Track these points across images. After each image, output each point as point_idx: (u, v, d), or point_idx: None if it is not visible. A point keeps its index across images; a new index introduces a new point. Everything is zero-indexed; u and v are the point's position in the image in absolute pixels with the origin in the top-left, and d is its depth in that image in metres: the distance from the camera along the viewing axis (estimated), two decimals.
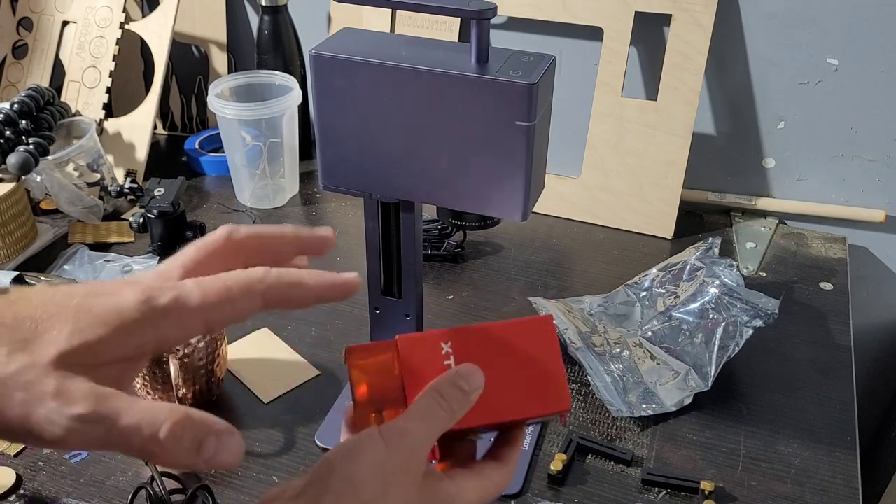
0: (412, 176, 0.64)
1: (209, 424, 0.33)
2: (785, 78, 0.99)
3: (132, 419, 0.32)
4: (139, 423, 0.32)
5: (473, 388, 0.43)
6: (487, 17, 0.57)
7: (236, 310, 0.36)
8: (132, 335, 0.34)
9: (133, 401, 0.33)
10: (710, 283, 0.81)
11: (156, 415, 0.32)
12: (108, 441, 0.32)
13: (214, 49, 1.24)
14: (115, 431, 0.32)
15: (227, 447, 0.33)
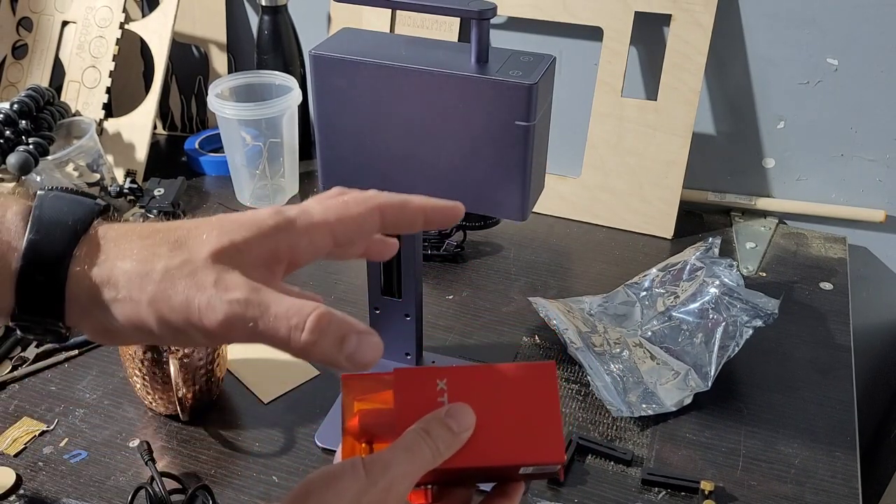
0: (412, 176, 0.64)
1: (352, 323, 0.36)
2: (785, 78, 0.99)
3: (282, 308, 0.35)
4: (288, 312, 0.35)
5: (463, 428, 0.42)
6: (487, 17, 0.57)
7: (357, 223, 0.40)
8: (269, 238, 0.38)
9: (281, 295, 0.36)
10: (710, 283, 0.81)
11: (304, 307, 0.35)
12: (258, 328, 0.35)
13: (214, 49, 1.24)
14: (266, 318, 0.35)
15: (367, 344, 0.36)
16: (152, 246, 0.37)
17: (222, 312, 0.35)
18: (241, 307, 0.35)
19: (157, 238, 0.37)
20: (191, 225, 0.38)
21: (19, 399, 0.77)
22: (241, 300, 0.35)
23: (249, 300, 0.35)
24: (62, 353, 0.82)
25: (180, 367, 0.70)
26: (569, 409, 0.77)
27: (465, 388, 0.44)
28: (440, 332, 0.86)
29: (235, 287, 0.35)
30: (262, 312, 0.35)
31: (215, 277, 0.36)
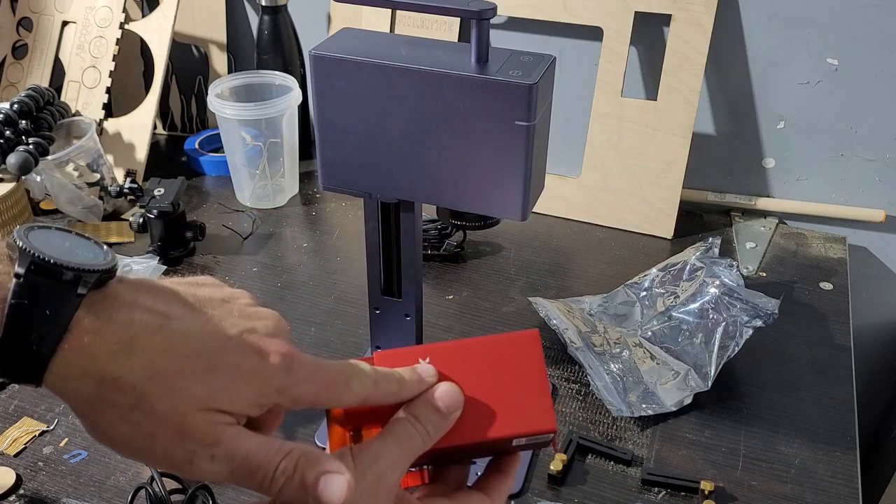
0: (412, 176, 0.64)
1: (322, 463, 0.37)
2: (785, 78, 0.99)
3: (258, 458, 0.36)
4: (262, 463, 0.36)
5: (452, 408, 0.42)
6: (487, 17, 0.57)
7: None
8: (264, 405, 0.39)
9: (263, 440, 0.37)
10: (710, 283, 0.81)
11: (276, 454, 0.37)
12: (235, 474, 0.37)
13: (214, 49, 1.24)
14: (244, 468, 0.36)
15: (331, 486, 0.36)
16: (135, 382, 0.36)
17: (199, 468, 0.36)
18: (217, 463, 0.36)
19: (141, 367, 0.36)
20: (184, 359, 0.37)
21: (19, 399, 0.77)
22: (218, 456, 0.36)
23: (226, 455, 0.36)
24: None
25: None
26: (569, 408, 0.77)
27: (449, 366, 0.43)
28: (440, 332, 0.86)
29: (215, 441, 0.36)
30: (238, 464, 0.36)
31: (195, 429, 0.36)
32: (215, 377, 0.37)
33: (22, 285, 0.34)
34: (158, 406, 0.35)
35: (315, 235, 1.03)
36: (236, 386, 0.37)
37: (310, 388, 0.39)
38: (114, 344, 0.35)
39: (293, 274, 0.95)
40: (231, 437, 0.36)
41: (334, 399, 0.40)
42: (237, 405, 0.37)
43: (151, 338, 0.36)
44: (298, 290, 0.92)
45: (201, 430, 0.36)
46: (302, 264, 0.97)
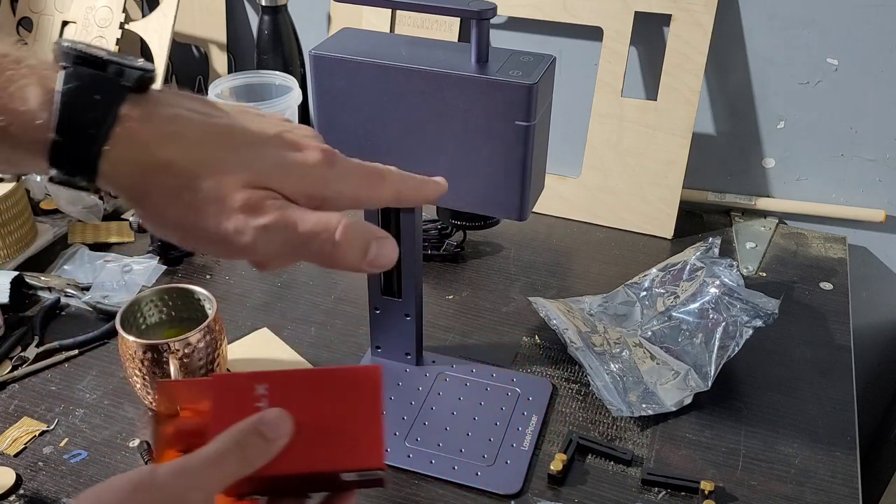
0: None
1: (372, 230, 0.39)
2: (785, 78, 0.99)
3: (308, 225, 0.38)
4: (315, 228, 0.38)
5: (277, 434, 0.41)
6: (487, 17, 0.57)
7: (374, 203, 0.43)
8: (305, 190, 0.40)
9: (307, 211, 0.38)
10: (710, 283, 0.81)
11: (330, 220, 0.38)
12: (287, 245, 0.38)
13: (214, 49, 1.24)
14: (295, 236, 0.38)
15: (384, 251, 0.39)
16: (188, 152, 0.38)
17: (251, 237, 0.37)
18: (267, 232, 0.37)
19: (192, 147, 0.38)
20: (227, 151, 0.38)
21: (19, 399, 0.77)
22: (269, 224, 0.37)
23: (277, 223, 0.37)
24: (62, 353, 0.82)
25: (180, 367, 0.70)
26: (569, 409, 0.77)
27: (286, 394, 0.42)
28: (440, 332, 0.86)
29: (263, 211, 0.37)
30: (290, 232, 0.38)
31: (244, 200, 0.37)
32: (261, 163, 0.38)
33: (70, 74, 0.36)
34: (207, 184, 0.37)
35: None
36: (282, 172, 0.39)
37: (351, 180, 0.41)
38: (162, 133, 0.37)
39: (293, 273, 0.95)
40: (280, 207, 0.38)
41: (374, 192, 0.42)
42: (285, 188, 0.38)
43: (196, 129, 0.38)
44: (298, 290, 0.92)
45: (250, 201, 0.37)
46: (302, 264, 0.97)
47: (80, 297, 0.89)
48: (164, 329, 0.77)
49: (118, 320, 0.72)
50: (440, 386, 0.78)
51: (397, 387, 0.78)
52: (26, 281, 0.90)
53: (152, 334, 0.76)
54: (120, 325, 0.71)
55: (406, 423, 0.74)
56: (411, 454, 0.70)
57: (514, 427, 0.73)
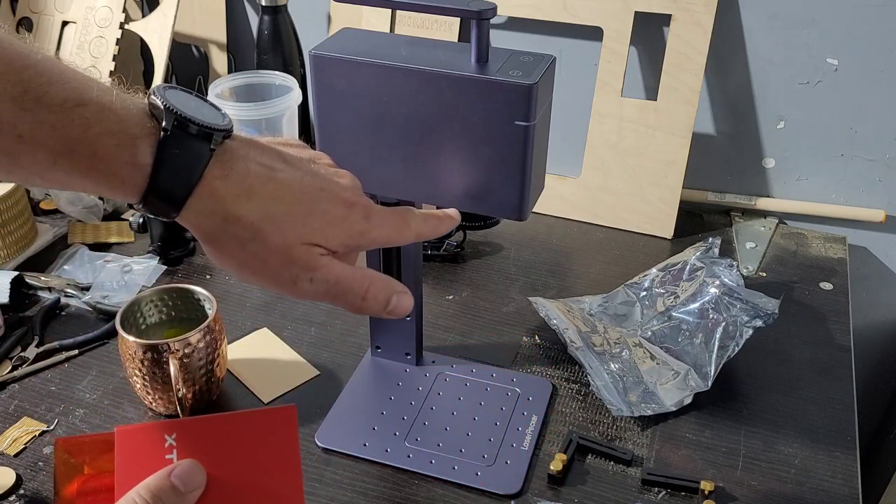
0: (412, 176, 0.64)
1: (394, 286, 0.48)
2: (785, 78, 0.99)
3: (347, 282, 0.46)
4: (352, 285, 0.46)
5: (190, 487, 0.40)
6: (487, 17, 0.57)
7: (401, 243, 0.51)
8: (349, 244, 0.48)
9: (349, 268, 0.47)
10: (710, 283, 0.81)
11: (364, 279, 0.47)
12: (328, 294, 0.46)
13: (214, 49, 1.24)
14: (335, 288, 0.46)
15: (402, 303, 0.49)
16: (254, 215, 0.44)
17: (303, 286, 0.45)
18: (315, 283, 0.45)
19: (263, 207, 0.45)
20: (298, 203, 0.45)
21: (19, 399, 0.77)
22: (318, 278, 0.45)
23: (324, 277, 0.45)
24: (62, 353, 0.82)
25: (180, 367, 0.70)
26: (569, 409, 0.77)
27: (197, 443, 0.41)
28: (440, 332, 0.86)
29: (315, 266, 0.45)
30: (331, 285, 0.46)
31: (301, 256, 0.45)
32: (314, 220, 0.45)
33: (169, 137, 0.42)
34: (271, 239, 0.44)
35: None
36: (331, 228, 0.46)
37: (382, 230, 0.49)
38: (236, 190, 0.43)
39: None
40: (325, 264, 0.45)
41: (400, 237, 0.50)
42: (331, 243, 0.46)
43: (264, 186, 0.44)
44: None
45: (303, 258, 0.45)
46: None
47: (80, 297, 0.89)
48: (164, 329, 0.77)
49: (118, 320, 0.72)
50: (440, 386, 0.78)
51: (397, 387, 0.78)
52: (26, 281, 0.90)
53: (152, 334, 0.76)
54: (120, 325, 0.71)
55: (406, 423, 0.74)
56: (411, 454, 0.70)
57: (514, 427, 0.73)
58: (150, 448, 0.41)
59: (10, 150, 0.39)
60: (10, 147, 0.39)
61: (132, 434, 0.42)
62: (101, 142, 0.40)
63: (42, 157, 0.40)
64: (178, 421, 0.42)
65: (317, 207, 0.46)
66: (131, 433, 0.42)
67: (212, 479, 0.41)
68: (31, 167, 0.40)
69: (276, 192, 0.45)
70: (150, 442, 0.41)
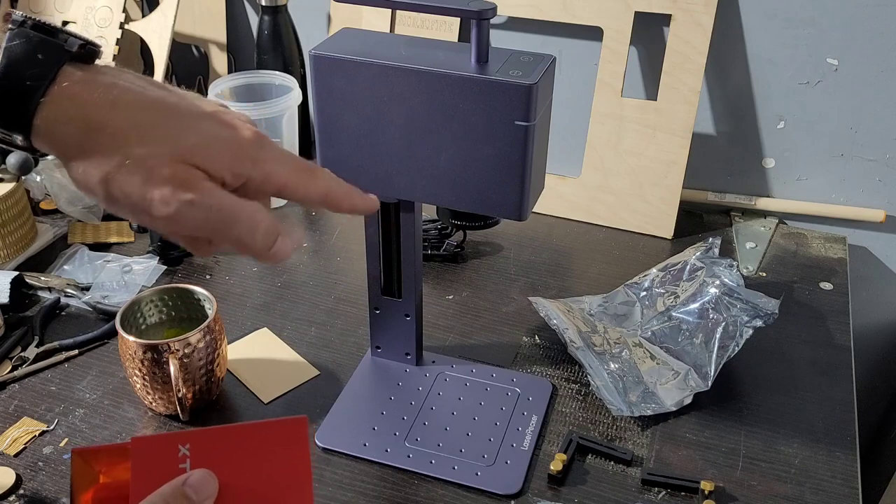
0: (412, 176, 0.64)
1: (280, 226, 0.42)
2: (785, 78, 0.99)
3: (233, 210, 0.41)
4: (238, 214, 0.41)
5: (203, 497, 0.40)
6: (487, 17, 0.57)
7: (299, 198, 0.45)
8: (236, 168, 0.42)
9: (234, 197, 0.41)
10: (710, 283, 0.81)
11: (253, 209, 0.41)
12: (208, 223, 0.40)
13: (214, 49, 1.24)
14: (217, 217, 0.40)
15: (284, 246, 0.43)
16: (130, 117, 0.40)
17: (174, 209, 0.40)
18: (190, 208, 0.40)
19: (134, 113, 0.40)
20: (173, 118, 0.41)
21: (19, 399, 0.77)
22: (193, 200, 0.40)
23: (202, 201, 0.40)
24: (62, 353, 0.82)
25: (180, 367, 0.70)
26: (569, 409, 0.77)
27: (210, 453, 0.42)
28: (440, 332, 0.86)
29: (191, 187, 0.40)
30: (209, 214, 0.40)
31: (172, 173, 0.39)
32: (193, 136, 0.40)
33: (16, 33, 0.38)
34: (137, 150, 0.39)
35: (315, 235, 1.03)
36: (212, 148, 0.40)
37: (281, 166, 0.43)
38: (99, 96, 0.39)
39: (293, 274, 0.95)
40: (208, 188, 0.40)
41: (302, 184, 0.44)
42: (213, 165, 0.40)
43: (134, 97, 0.40)
44: (298, 290, 0.92)
45: (180, 175, 0.39)
46: (302, 264, 0.97)
47: (80, 297, 0.89)
48: (164, 329, 0.77)
49: (118, 320, 0.72)
50: (440, 386, 0.78)
51: (397, 387, 0.78)
52: (26, 281, 0.90)
53: (152, 334, 0.76)
54: (120, 325, 0.71)
55: (406, 423, 0.74)
56: (411, 454, 0.70)
57: (514, 427, 0.73)
58: (165, 457, 0.41)
59: None
60: None
61: (147, 444, 0.42)
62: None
63: None
64: (191, 431, 0.43)
65: (197, 125, 0.41)
66: (146, 443, 0.42)
67: (224, 488, 0.41)
68: None
69: (147, 105, 0.41)
70: (164, 451, 0.42)
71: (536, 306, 0.85)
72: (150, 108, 0.40)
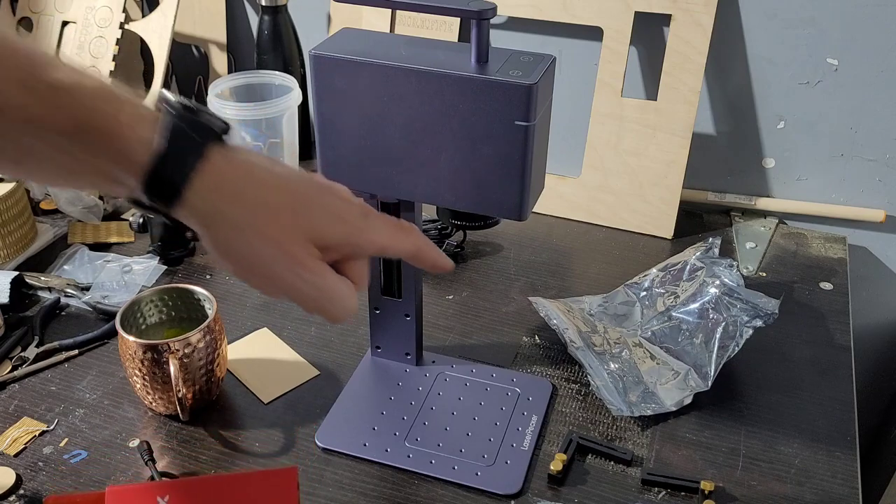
0: (412, 176, 0.64)
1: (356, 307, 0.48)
2: (785, 78, 0.99)
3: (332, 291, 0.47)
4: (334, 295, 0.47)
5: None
6: (487, 17, 0.57)
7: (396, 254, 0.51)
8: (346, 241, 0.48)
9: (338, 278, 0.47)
10: (710, 283, 0.81)
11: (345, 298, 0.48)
12: (309, 299, 0.46)
13: (214, 49, 1.24)
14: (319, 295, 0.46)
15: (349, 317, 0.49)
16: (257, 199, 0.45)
17: (293, 285, 0.46)
18: (306, 285, 0.46)
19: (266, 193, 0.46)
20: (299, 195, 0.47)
21: (19, 399, 0.77)
22: (311, 280, 0.46)
23: (315, 282, 0.46)
24: (62, 353, 0.82)
25: (180, 367, 0.70)
26: (569, 408, 0.77)
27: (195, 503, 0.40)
28: (440, 332, 0.86)
29: (309, 268, 0.46)
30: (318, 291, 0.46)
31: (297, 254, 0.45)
32: (314, 213, 0.46)
33: (176, 117, 0.43)
34: (269, 229, 0.44)
35: None
36: (331, 221, 0.46)
37: (382, 232, 0.49)
38: (239, 172, 0.44)
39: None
40: (321, 269, 0.46)
41: (398, 243, 0.50)
42: (331, 239, 0.46)
43: (266, 175, 0.45)
44: None
45: (300, 255, 0.45)
46: None
47: (80, 297, 0.89)
48: (164, 329, 0.77)
49: (118, 320, 0.72)
50: (440, 386, 0.78)
51: (397, 387, 0.78)
52: (26, 281, 0.90)
53: (152, 334, 0.76)
54: (120, 325, 0.71)
55: (406, 423, 0.74)
56: (411, 454, 0.70)
57: (514, 427, 0.73)
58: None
59: (17, 134, 0.40)
60: (17, 131, 0.40)
61: (123, 495, 0.41)
62: (110, 120, 0.41)
63: (51, 138, 0.40)
64: (171, 482, 0.41)
65: (318, 201, 0.46)
66: (123, 494, 0.41)
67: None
68: (39, 151, 0.41)
69: (277, 182, 0.46)
70: (141, 503, 0.40)
71: (536, 306, 0.85)
72: (280, 187, 0.45)
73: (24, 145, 0.41)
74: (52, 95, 0.40)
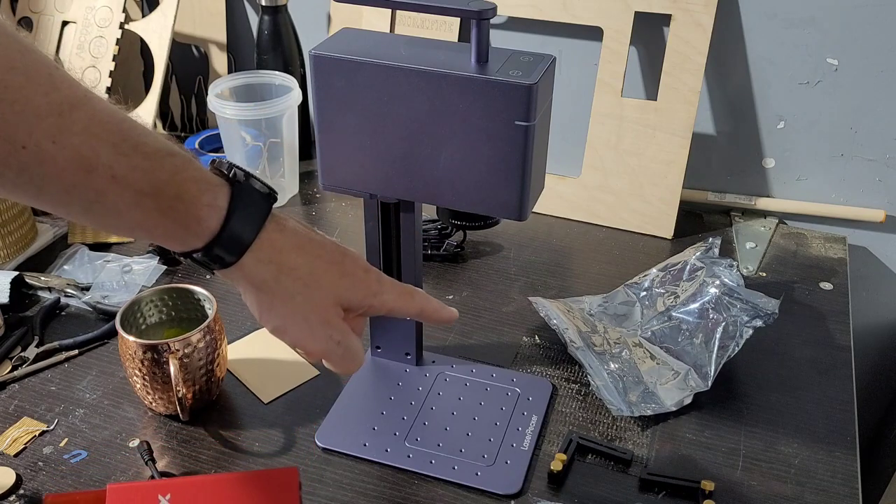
0: (412, 176, 0.64)
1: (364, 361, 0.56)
2: (785, 78, 0.99)
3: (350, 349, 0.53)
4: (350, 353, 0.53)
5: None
6: (487, 17, 0.57)
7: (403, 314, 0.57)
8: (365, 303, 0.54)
9: (356, 339, 0.54)
10: (710, 283, 0.81)
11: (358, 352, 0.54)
12: (333, 353, 0.53)
13: (214, 49, 1.24)
14: (341, 352, 0.53)
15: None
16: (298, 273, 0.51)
17: (325, 344, 0.52)
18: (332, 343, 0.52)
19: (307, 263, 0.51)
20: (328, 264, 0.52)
21: (19, 399, 0.77)
22: (337, 339, 0.52)
23: (340, 342, 0.52)
24: (62, 353, 0.82)
25: (180, 367, 0.70)
26: (569, 408, 0.77)
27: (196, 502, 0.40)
28: (440, 332, 0.86)
29: (338, 329, 0.52)
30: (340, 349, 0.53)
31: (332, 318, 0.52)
32: (345, 280, 0.52)
33: (240, 187, 0.48)
34: (315, 295, 0.50)
35: None
36: (355, 288, 0.52)
37: (391, 295, 0.55)
38: (290, 243, 0.50)
39: None
40: (347, 332, 0.53)
41: (405, 306, 0.55)
42: (353, 302, 0.53)
43: (310, 246, 0.51)
44: None
45: (335, 319, 0.52)
46: None
47: (80, 297, 0.89)
48: (164, 329, 0.77)
49: (118, 320, 0.72)
50: (440, 386, 0.78)
51: (397, 387, 0.78)
52: (26, 281, 0.90)
53: (152, 334, 0.76)
54: (120, 325, 0.71)
55: (406, 423, 0.74)
56: (411, 454, 0.70)
57: (514, 427, 0.73)
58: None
59: (102, 188, 0.43)
60: (102, 186, 0.43)
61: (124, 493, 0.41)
62: (185, 186, 0.46)
63: (129, 196, 0.44)
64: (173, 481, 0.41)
65: (346, 268, 0.52)
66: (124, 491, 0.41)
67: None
68: (115, 205, 0.44)
69: (318, 251, 0.51)
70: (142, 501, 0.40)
71: (536, 306, 0.85)
72: (322, 258, 0.51)
73: (100, 198, 0.44)
74: (138, 159, 0.44)
